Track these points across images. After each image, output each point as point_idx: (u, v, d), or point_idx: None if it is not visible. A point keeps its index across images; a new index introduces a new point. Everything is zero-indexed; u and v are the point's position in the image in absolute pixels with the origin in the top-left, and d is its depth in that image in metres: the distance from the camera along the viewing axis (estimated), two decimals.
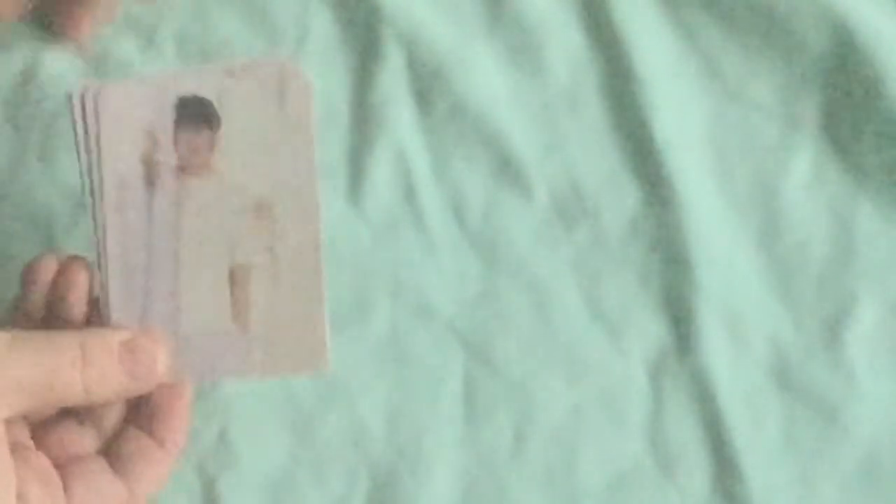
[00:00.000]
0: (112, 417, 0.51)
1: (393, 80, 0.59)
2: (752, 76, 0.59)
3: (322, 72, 0.59)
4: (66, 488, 0.49)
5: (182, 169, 0.50)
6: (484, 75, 0.59)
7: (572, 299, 0.57)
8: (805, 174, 0.58)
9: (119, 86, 0.50)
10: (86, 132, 0.50)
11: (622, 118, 0.59)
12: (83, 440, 0.51)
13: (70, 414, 0.51)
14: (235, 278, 0.51)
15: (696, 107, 0.59)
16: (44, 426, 0.51)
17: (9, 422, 0.48)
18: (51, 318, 0.51)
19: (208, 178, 0.50)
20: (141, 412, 0.51)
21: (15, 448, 0.48)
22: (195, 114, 0.50)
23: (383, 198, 0.58)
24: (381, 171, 0.58)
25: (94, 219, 0.51)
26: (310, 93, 0.50)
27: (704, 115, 0.59)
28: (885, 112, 0.58)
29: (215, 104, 0.50)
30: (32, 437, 0.50)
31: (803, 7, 0.58)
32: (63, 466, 0.50)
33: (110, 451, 0.51)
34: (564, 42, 0.60)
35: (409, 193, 0.58)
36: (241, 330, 0.51)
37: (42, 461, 0.49)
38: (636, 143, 0.58)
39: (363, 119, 0.59)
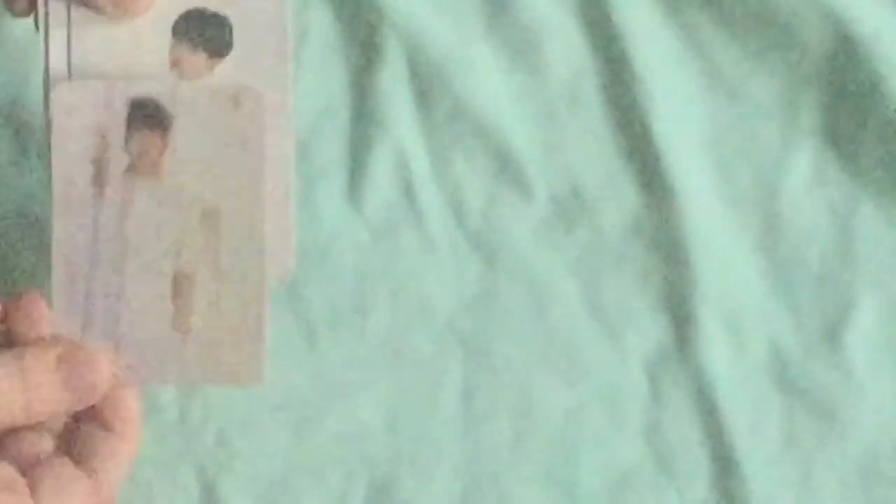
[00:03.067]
0: (62, 416, 0.51)
1: (393, 80, 0.59)
2: (752, 76, 0.59)
3: (322, 71, 0.59)
4: (32, 492, 0.48)
5: (132, 170, 0.50)
6: (484, 75, 0.59)
7: (572, 299, 0.57)
8: (805, 174, 0.58)
9: (72, 84, 0.50)
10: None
11: (622, 118, 0.59)
12: (41, 443, 0.50)
13: None
14: (178, 285, 0.50)
15: (696, 107, 0.59)
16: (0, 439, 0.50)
17: None
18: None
19: (157, 181, 0.50)
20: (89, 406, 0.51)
21: None
22: (147, 115, 0.50)
23: (383, 198, 0.58)
24: (380, 172, 0.58)
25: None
26: (263, 104, 0.50)
27: (704, 114, 0.59)
28: (886, 112, 0.58)
29: (168, 107, 0.50)
30: None
31: (803, 7, 0.58)
32: (26, 471, 0.49)
33: (68, 449, 0.50)
34: (564, 42, 0.59)
35: (409, 193, 0.58)
36: (180, 336, 0.50)
37: (6, 471, 0.49)
38: (636, 143, 0.58)
39: (363, 119, 0.59)
